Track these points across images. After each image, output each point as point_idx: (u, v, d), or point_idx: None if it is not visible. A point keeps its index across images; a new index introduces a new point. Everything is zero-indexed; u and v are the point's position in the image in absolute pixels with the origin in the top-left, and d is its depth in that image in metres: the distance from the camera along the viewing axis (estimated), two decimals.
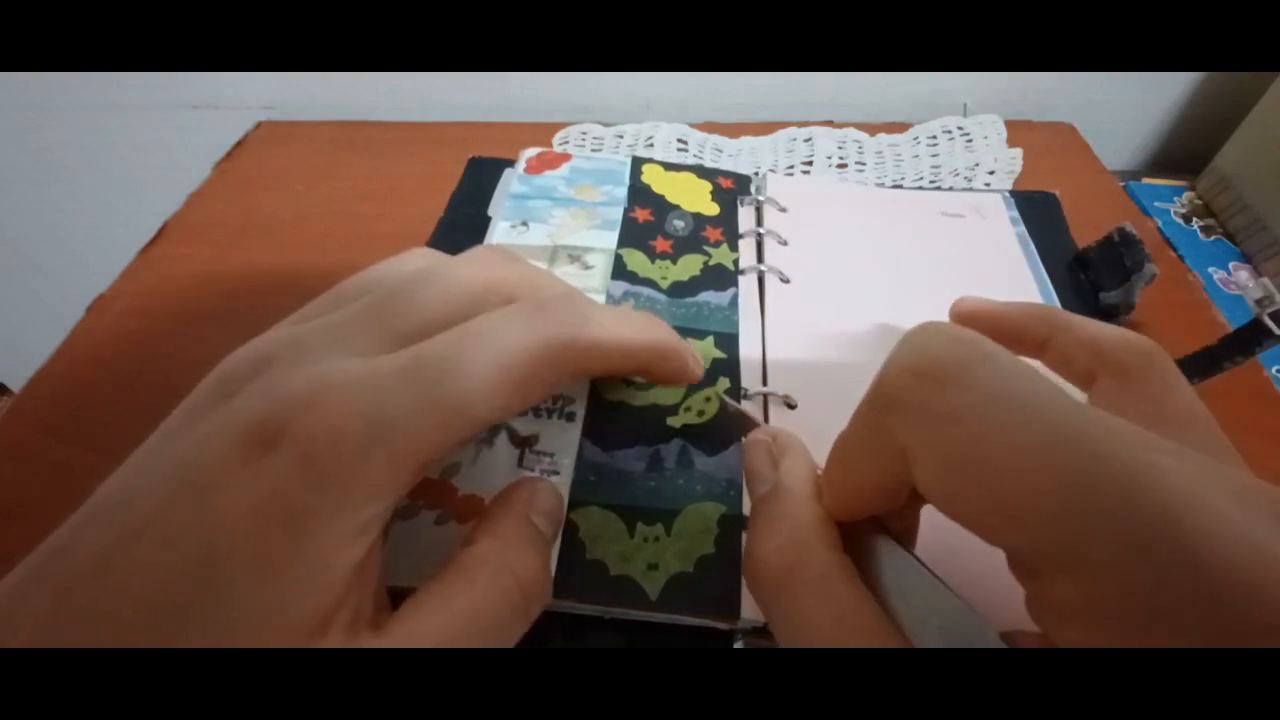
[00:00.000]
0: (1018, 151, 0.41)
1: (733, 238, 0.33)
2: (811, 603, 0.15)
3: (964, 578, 0.15)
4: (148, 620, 0.13)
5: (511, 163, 0.38)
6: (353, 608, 0.15)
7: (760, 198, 0.35)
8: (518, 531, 0.18)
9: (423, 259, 0.20)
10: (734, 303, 0.30)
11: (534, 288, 0.20)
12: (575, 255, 0.32)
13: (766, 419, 0.26)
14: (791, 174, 0.41)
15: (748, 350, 0.28)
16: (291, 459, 0.14)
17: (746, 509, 0.23)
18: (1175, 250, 0.39)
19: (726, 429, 0.25)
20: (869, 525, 0.17)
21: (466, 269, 0.18)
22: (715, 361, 0.28)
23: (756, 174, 0.38)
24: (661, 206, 0.35)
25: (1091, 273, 0.32)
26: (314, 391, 0.14)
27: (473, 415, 0.15)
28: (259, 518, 0.13)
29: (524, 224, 0.34)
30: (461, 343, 0.15)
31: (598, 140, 0.44)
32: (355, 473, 0.14)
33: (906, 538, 0.18)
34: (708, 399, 0.26)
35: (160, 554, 0.13)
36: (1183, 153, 0.48)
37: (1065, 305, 0.31)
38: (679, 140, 0.43)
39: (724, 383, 0.27)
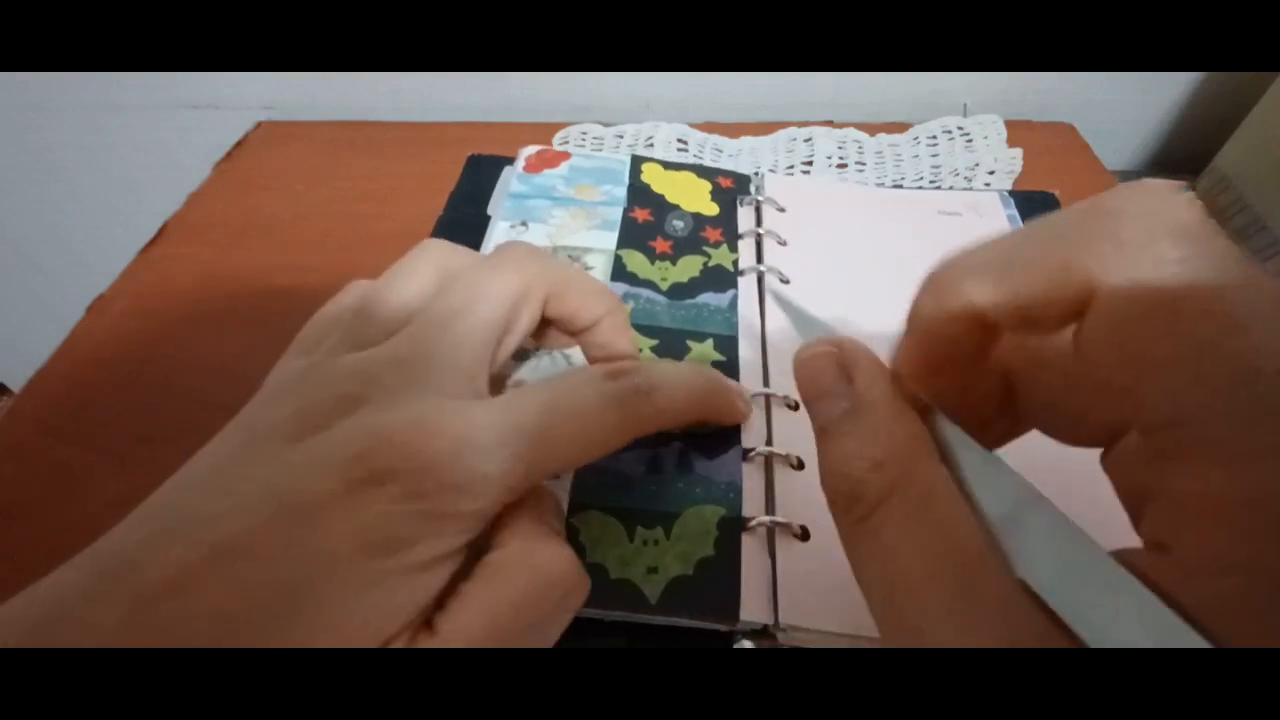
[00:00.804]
0: (1018, 151, 0.41)
1: (732, 238, 0.33)
2: (914, 526, 0.13)
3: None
4: (227, 636, 0.13)
5: (511, 160, 0.38)
6: (427, 614, 0.16)
7: (759, 198, 0.35)
8: (541, 532, 0.18)
9: (439, 259, 0.20)
10: (734, 304, 0.30)
11: (562, 287, 0.20)
12: (575, 256, 0.32)
13: (769, 420, 0.26)
14: (791, 174, 0.41)
15: (748, 351, 0.28)
16: (398, 493, 0.15)
17: (746, 511, 0.23)
18: None
19: (726, 432, 0.25)
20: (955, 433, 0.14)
21: (500, 282, 0.19)
22: (715, 364, 0.28)
23: (756, 174, 0.38)
24: (661, 206, 0.35)
25: None
26: (421, 434, 0.15)
27: (554, 473, 0.18)
28: (360, 544, 0.14)
29: (523, 224, 0.34)
30: (552, 416, 0.17)
31: (598, 140, 0.44)
32: (453, 511, 0.15)
33: None
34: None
35: (255, 573, 0.14)
36: (1183, 153, 0.48)
37: None
38: (679, 140, 0.43)
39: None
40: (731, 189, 0.36)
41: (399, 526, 0.15)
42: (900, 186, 0.40)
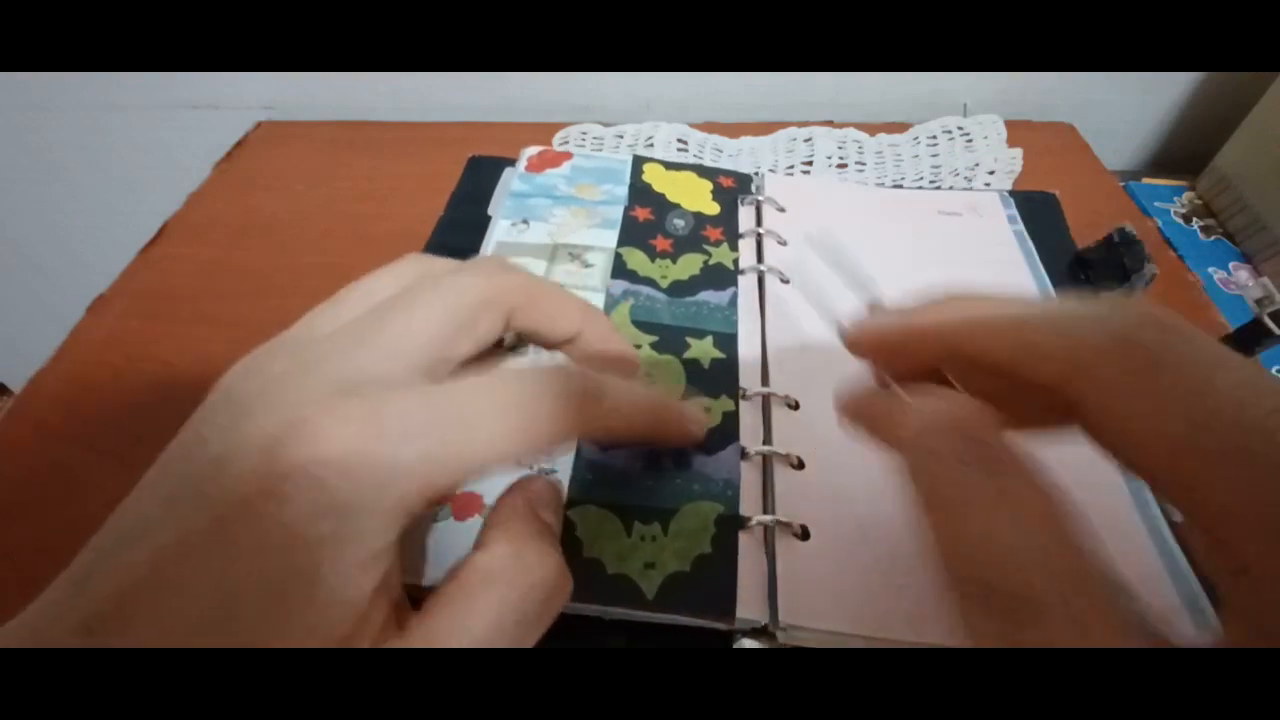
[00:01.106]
0: (1018, 151, 0.41)
1: (733, 237, 0.33)
2: (1075, 634, 0.11)
3: None
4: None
5: (511, 161, 0.38)
6: (377, 623, 0.15)
7: (760, 198, 0.35)
8: (530, 531, 0.18)
9: (418, 266, 0.20)
10: (733, 302, 0.30)
11: (533, 301, 0.20)
12: (575, 253, 0.32)
13: (768, 419, 0.26)
14: (791, 174, 0.41)
15: (747, 350, 0.28)
16: (306, 489, 0.14)
17: (744, 509, 0.23)
18: (1175, 250, 0.39)
19: (724, 430, 0.25)
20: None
21: (460, 284, 0.18)
22: (714, 361, 0.28)
23: (756, 174, 0.38)
24: (662, 205, 0.35)
25: (1091, 273, 0.32)
26: (326, 422, 0.14)
27: (483, 468, 0.16)
28: (279, 550, 0.13)
29: (524, 222, 0.34)
30: (481, 404, 0.16)
31: (598, 140, 0.44)
32: (368, 507, 0.14)
33: None
34: (707, 409, 0.26)
35: (188, 584, 0.13)
36: (1183, 153, 0.48)
37: None
38: (679, 140, 0.43)
39: (726, 402, 0.26)
40: (733, 188, 0.36)
41: (312, 527, 0.14)
42: (900, 186, 0.40)
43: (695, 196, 0.35)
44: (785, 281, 0.31)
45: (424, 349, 0.17)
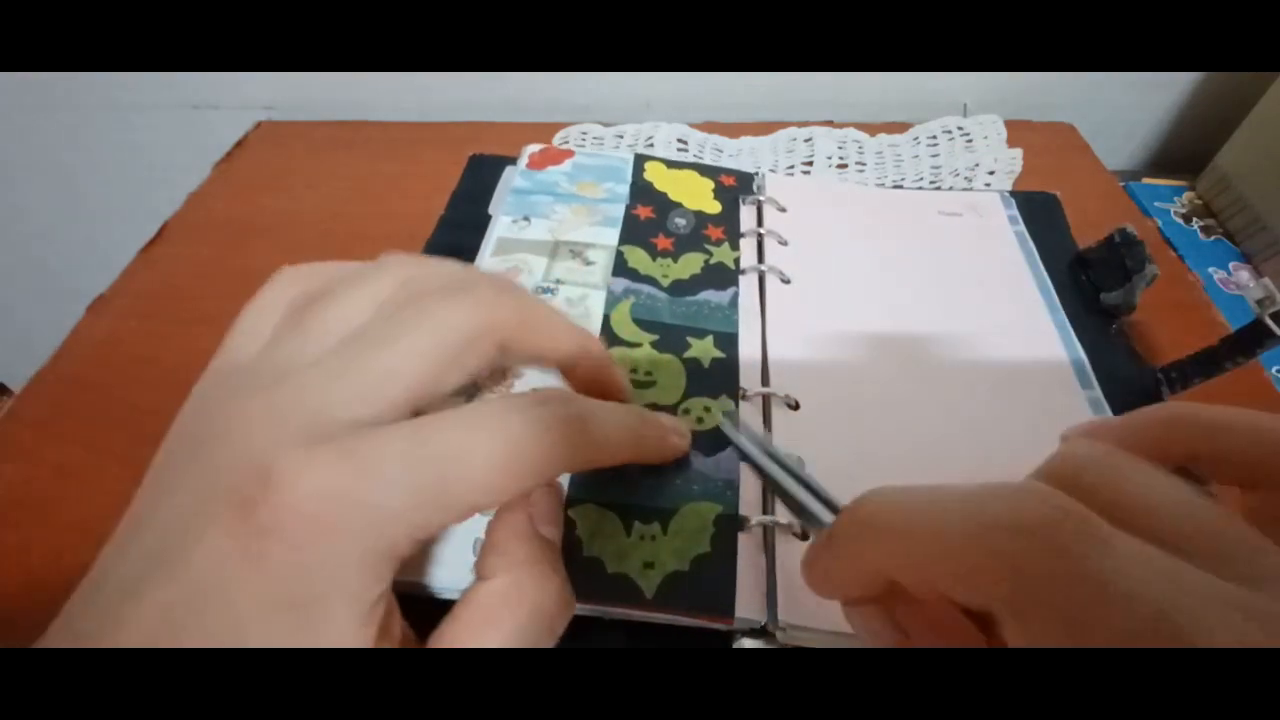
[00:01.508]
0: (1018, 151, 0.41)
1: (734, 236, 0.33)
2: None
3: None
4: None
5: (513, 160, 0.38)
6: None
7: (760, 197, 0.35)
8: (531, 555, 0.17)
9: (400, 273, 0.18)
10: (734, 302, 0.30)
11: (526, 330, 0.19)
12: (576, 251, 0.32)
13: (768, 419, 0.26)
14: (792, 174, 0.41)
15: (748, 350, 0.28)
16: (285, 547, 0.13)
17: (743, 510, 0.23)
18: (1175, 250, 0.39)
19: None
20: None
21: (453, 313, 0.17)
22: (715, 361, 0.28)
23: (757, 173, 0.38)
24: (663, 204, 0.35)
25: (1092, 273, 0.32)
26: (308, 471, 0.13)
27: (473, 507, 0.15)
28: (267, 610, 0.13)
29: (525, 219, 0.34)
30: (468, 442, 0.15)
31: (598, 140, 0.44)
32: (352, 561, 0.13)
33: None
34: (707, 408, 0.26)
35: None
36: (1183, 153, 0.48)
37: (1066, 305, 0.31)
38: (679, 140, 0.43)
39: (726, 403, 0.26)
40: (734, 187, 0.36)
41: (297, 585, 0.13)
42: (900, 186, 0.40)
43: (697, 195, 0.35)
44: (786, 282, 0.31)
45: (407, 388, 0.16)
